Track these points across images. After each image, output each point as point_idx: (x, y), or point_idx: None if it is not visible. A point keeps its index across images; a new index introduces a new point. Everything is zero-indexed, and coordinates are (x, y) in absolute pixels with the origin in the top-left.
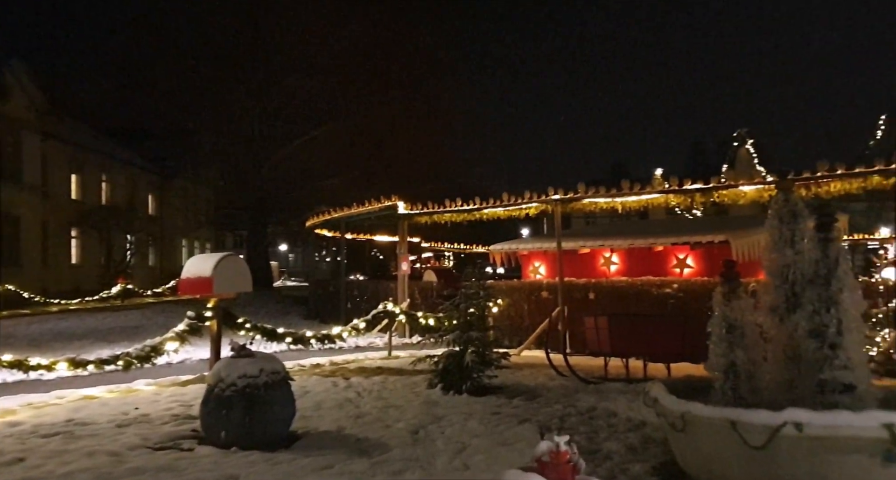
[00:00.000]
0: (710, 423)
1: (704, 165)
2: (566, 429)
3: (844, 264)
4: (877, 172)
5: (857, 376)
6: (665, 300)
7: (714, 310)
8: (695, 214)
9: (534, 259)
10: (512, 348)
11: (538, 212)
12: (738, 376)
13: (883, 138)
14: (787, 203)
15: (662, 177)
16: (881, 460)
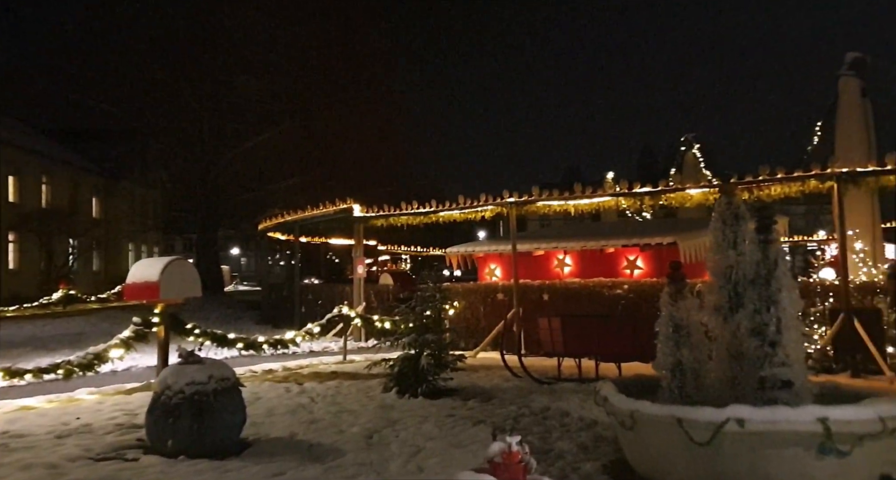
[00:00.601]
0: (658, 421)
1: (654, 169)
2: (520, 430)
3: (783, 265)
4: (813, 176)
5: (795, 372)
6: (616, 301)
7: (661, 310)
8: (645, 216)
9: (489, 262)
10: (468, 350)
11: (494, 214)
12: (684, 374)
13: (819, 144)
14: (729, 206)
15: (613, 180)
16: (815, 453)
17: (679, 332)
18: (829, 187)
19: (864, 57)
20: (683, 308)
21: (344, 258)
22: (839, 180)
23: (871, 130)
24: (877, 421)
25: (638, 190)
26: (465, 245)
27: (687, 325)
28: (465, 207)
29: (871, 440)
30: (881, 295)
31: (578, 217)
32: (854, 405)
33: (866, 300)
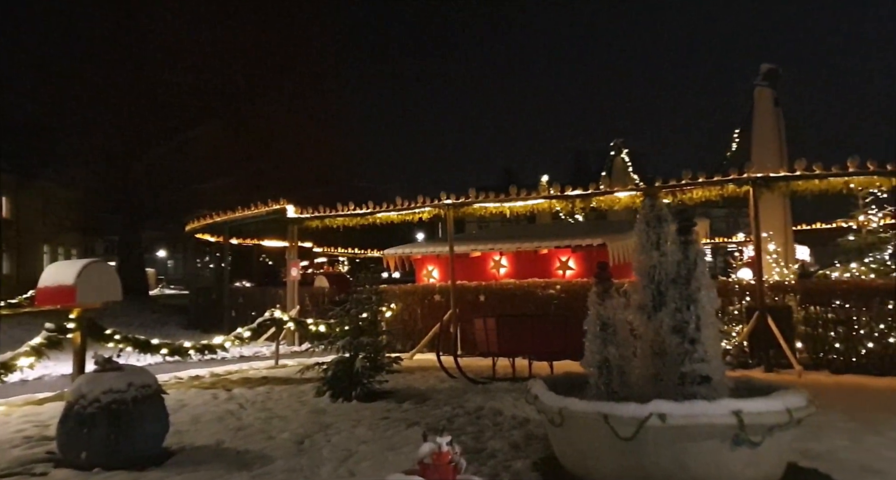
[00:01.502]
0: (585, 417)
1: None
2: (453, 430)
3: (702, 265)
4: (731, 180)
5: (713, 368)
6: (549, 301)
7: (589, 309)
8: (577, 218)
9: (427, 263)
10: (405, 352)
11: (431, 216)
12: (610, 371)
13: (737, 151)
14: (653, 209)
15: (548, 183)
16: (730, 444)
17: (606, 330)
18: (745, 191)
19: (776, 68)
20: (610, 307)
21: (278, 261)
22: (754, 184)
23: (783, 137)
24: (784, 413)
25: (570, 193)
26: (403, 247)
27: (613, 323)
28: (403, 208)
29: (779, 430)
30: (791, 293)
31: (514, 219)
32: (764, 398)
33: (779, 299)
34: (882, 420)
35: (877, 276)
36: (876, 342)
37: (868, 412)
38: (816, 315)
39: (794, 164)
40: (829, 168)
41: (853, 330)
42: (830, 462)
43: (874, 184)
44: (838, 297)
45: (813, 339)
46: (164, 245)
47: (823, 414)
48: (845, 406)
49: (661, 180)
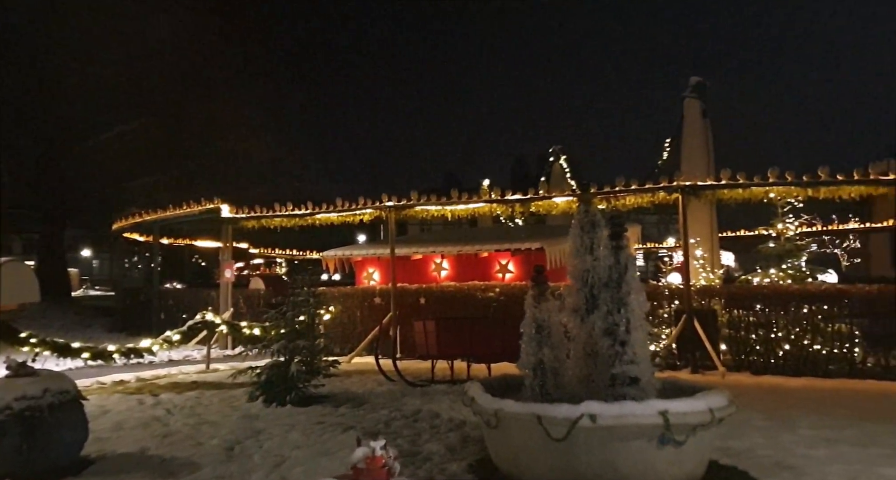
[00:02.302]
0: (519, 419)
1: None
2: (390, 433)
3: (633, 270)
4: (661, 188)
5: (642, 369)
6: (489, 304)
7: (526, 312)
8: (517, 222)
9: (367, 265)
10: (344, 355)
11: (373, 218)
12: (544, 373)
13: (668, 159)
14: (587, 214)
15: (489, 187)
16: (657, 443)
17: (541, 333)
18: (675, 199)
19: (704, 81)
20: (545, 310)
21: (211, 262)
22: (683, 192)
23: (710, 147)
24: (707, 412)
25: (509, 197)
26: (343, 249)
27: (548, 326)
28: (344, 210)
29: (702, 429)
30: (717, 297)
31: (457, 222)
32: (689, 399)
33: (705, 302)
34: (796, 418)
35: (793, 281)
36: (792, 345)
37: (784, 411)
38: (739, 319)
39: (720, 173)
40: (751, 178)
41: (772, 333)
42: (749, 459)
43: (792, 194)
44: (759, 301)
45: (736, 341)
46: (90, 244)
47: (743, 413)
48: (763, 406)
49: (596, 187)
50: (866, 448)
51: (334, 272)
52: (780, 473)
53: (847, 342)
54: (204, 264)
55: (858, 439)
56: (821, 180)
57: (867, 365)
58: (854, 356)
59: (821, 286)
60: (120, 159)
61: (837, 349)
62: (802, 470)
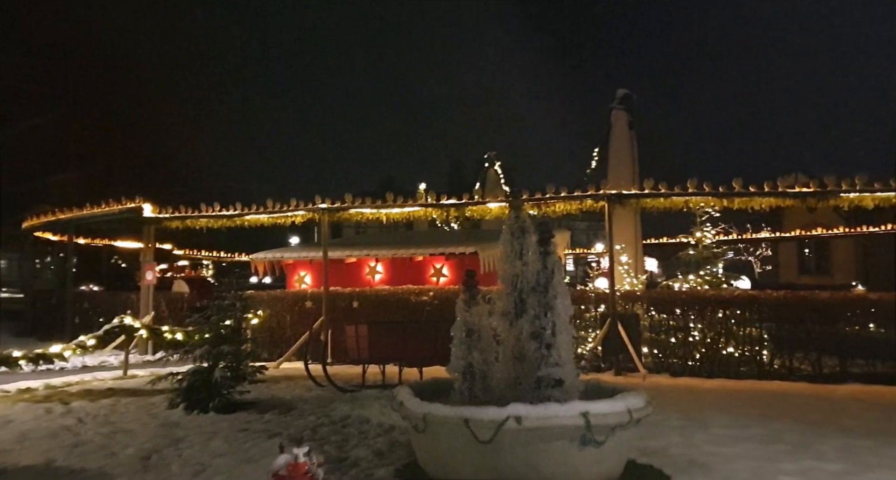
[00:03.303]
0: (447, 422)
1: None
2: (317, 440)
3: (559, 275)
4: (589, 196)
5: (566, 372)
6: (423, 308)
7: (457, 316)
8: (452, 227)
9: (299, 269)
10: (272, 360)
11: (305, 220)
12: (473, 376)
13: (597, 168)
14: (517, 220)
15: (425, 191)
16: (578, 444)
17: (471, 336)
18: (601, 206)
19: (631, 94)
20: (476, 314)
21: (133, 263)
22: (609, 200)
23: (635, 157)
24: (626, 413)
25: (445, 202)
26: (273, 251)
27: (478, 330)
28: (274, 211)
29: (621, 429)
30: (640, 302)
31: (392, 226)
32: (609, 400)
33: (629, 307)
34: (709, 417)
35: (710, 287)
36: (708, 348)
37: (698, 411)
38: (660, 322)
39: (644, 183)
40: (672, 188)
41: (690, 336)
42: (664, 457)
43: (709, 203)
44: (678, 306)
45: (656, 344)
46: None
47: (661, 414)
48: (679, 406)
49: (528, 193)
50: (770, 444)
51: (264, 275)
52: (691, 470)
53: (756, 344)
54: (124, 266)
55: (763, 436)
56: (734, 191)
57: (774, 367)
58: (762, 359)
59: (734, 292)
60: (33, 155)
61: (748, 351)
62: (712, 467)
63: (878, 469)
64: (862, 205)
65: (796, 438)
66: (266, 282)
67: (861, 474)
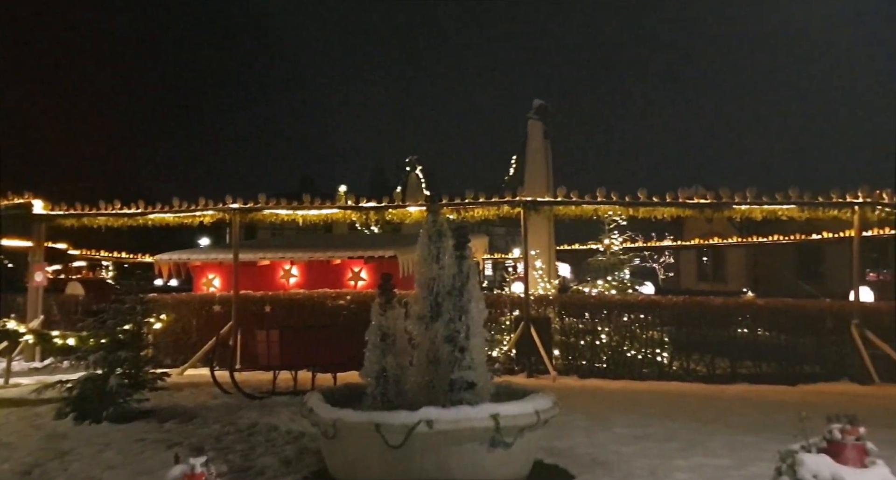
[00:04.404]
0: (358, 428)
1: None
2: (221, 449)
3: (474, 279)
4: (506, 202)
5: (478, 374)
6: (339, 312)
7: (372, 320)
8: (373, 230)
9: (207, 271)
10: (177, 367)
11: (215, 220)
12: (387, 381)
13: (514, 175)
14: (434, 224)
15: (345, 194)
16: (487, 445)
17: (386, 340)
18: (517, 213)
19: (546, 104)
20: (391, 318)
21: (20, 263)
22: (524, 206)
23: (550, 166)
24: (533, 414)
25: (363, 205)
26: (179, 252)
27: (393, 334)
28: (181, 211)
29: (529, 431)
30: (552, 306)
31: (311, 228)
32: (518, 402)
33: (542, 310)
34: (612, 418)
35: (617, 292)
36: (614, 350)
37: (603, 412)
38: (570, 326)
39: (557, 190)
40: (582, 196)
41: (597, 339)
42: (569, 457)
43: (616, 212)
44: (587, 310)
45: (567, 347)
46: None
47: (568, 415)
48: (586, 407)
49: (447, 198)
50: (666, 442)
51: (169, 278)
52: (594, 469)
53: (658, 347)
54: (11, 266)
55: (661, 435)
56: (639, 200)
57: (673, 368)
58: (663, 361)
59: (638, 297)
60: None
61: (650, 354)
62: (613, 466)
63: (759, 462)
64: (751, 216)
65: (690, 436)
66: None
67: (744, 467)
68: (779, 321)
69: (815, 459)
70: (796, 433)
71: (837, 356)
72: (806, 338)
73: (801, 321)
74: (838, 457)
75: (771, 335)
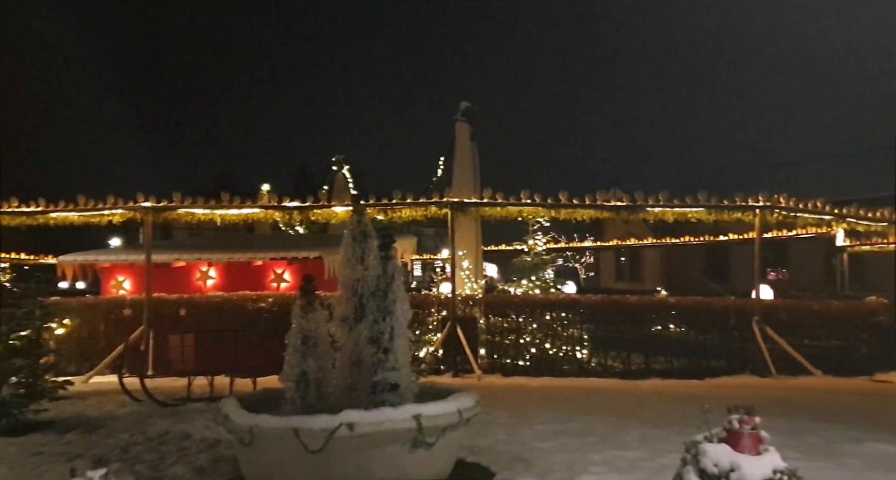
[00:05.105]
0: (276, 433)
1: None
2: (127, 460)
3: (399, 279)
4: (433, 203)
5: (402, 375)
6: (260, 315)
7: (293, 323)
8: (298, 230)
9: (117, 273)
10: (82, 374)
11: (125, 219)
12: (308, 384)
13: (443, 176)
14: (359, 224)
15: (268, 193)
16: (409, 447)
17: (307, 343)
18: (445, 213)
19: (472, 107)
20: (313, 320)
21: None
22: (452, 207)
23: (477, 167)
24: (456, 414)
25: (286, 204)
26: (85, 253)
27: (315, 336)
28: (87, 209)
29: (451, 430)
30: (478, 306)
31: (232, 228)
32: (440, 402)
33: (468, 310)
34: (534, 415)
35: (541, 291)
36: (536, 348)
37: (525, 409)
38: (495, 325)
39: (483, 192)
40: (507, 198)
41: (521, 338)
42: (490, 454)
43: (539, 213)
44: (512, 309)
45: (492, 346)
46: None
47: (491, 413)
48: (508, 405)
49: (374, 198)
50: (583, 437)
51: (74, 280)
52: (515, 466)
53: (578, 345)
54: None
55: (578, 430)
56: (561, 202)
57: (591, 365)
58: (582, 358)
59: (559, 296)
60: None
61: (570, 351)
62: (532, 462)
63: (668, 453)
64: (664, 219)
65: (605, 430)
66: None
67: (654, 459)
68: (688, 319)
69: (716, 449)
70: (700, 424)
71: (740, 350)
72: (712, 334)
73: (707, 318)
74: (737, 446)
75: (681, 331)
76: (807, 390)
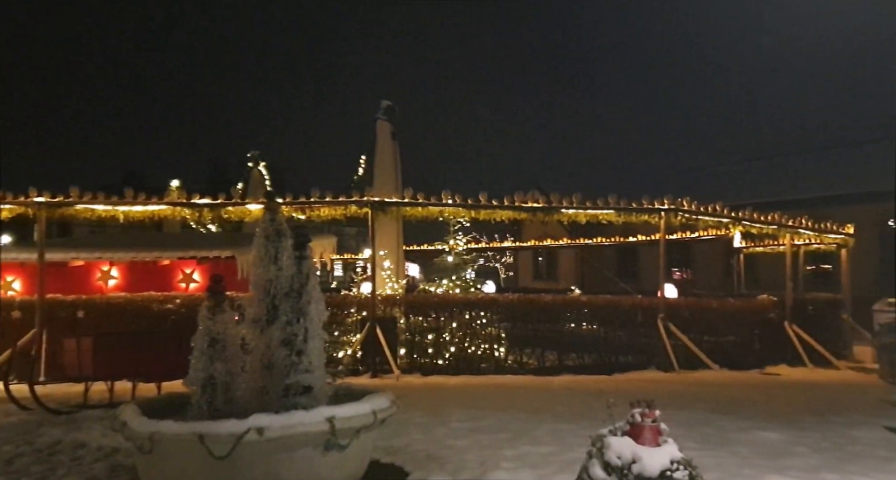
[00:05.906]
0: (179, 440)
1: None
2: (12, 473)
3: (314, 280)
4: (353, 202)
5: (316, 378)
6: (167, 316)
7: (200, 325)
8: (210, 228)
9: (5, 273)
10: None
11: (15, 215)
12: (215, 388)
13: (364, 175)
14: (273, 223)
15: (178, 189)
16: (322, 450)
17: (214, 346)
18: (365, 213)
19: (393, 105)
20: (221, 322)
21: None
22: (372, 207)
23: (398, 166)
24: (370, 415)
25: (196, 201)
26: None
27: (223, 338)
28: None
29: (365, 431)
30: (398, 306)
31: (139, 226)
32: (355, 403)
33: (389, 310)
34: (450, 413)
35: (461, 291)
36: (456, 347)
37: (441, 408)
38: (415, 325)
39: (404, 192)
40: (428, 198)
41: (441, 337)
42: (405, 454)
43: (459, 214)
44: (432, 309)
45: (412, 345)
46: None
47: (407, 413)
48: (425, 404)
49: (292, 196)
50: (497, 433)
51: None
52: (428, 464)
53: (495, 343)
54: None
55: (492, 427)
56: (480, 203)
57: (508, 362)
58: (500, 356)
59: (479, 295)
60: None
61: (488, 349)
62: (447, 460)
63: (578, 447)
64: (577, 220)
65: (519, 426)
66: None
67: (564, 453)
68: (599, 316)
69: (620, 441)
70: (606, 418)
71: (646, 346)
72: (621, 331)
73: (617, 316)
74: (638, 438)
75: (593, 329)
76: (705, 383)
